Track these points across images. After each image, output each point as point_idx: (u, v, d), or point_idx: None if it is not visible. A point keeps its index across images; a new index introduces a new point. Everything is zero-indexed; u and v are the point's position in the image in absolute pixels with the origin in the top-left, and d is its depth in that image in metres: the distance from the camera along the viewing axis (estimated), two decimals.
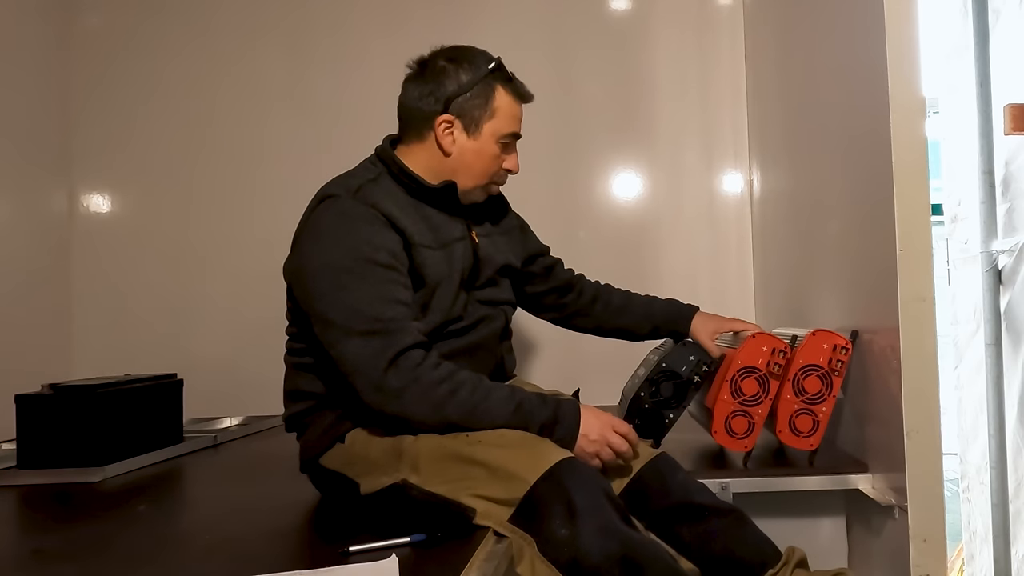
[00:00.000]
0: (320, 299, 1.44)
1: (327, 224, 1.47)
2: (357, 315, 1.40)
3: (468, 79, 1.55)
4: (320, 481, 1.60)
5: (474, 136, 1.57)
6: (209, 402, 2.68)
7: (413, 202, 1.56)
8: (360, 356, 1.39)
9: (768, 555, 1.44)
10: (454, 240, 1.58)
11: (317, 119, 2.94)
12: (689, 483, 1.52)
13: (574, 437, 1.44)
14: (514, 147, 1.63)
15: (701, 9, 2.97)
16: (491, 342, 1.64)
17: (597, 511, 1.27)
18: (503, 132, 1.58)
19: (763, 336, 1.81)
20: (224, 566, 1.25)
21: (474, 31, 2.93)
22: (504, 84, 1.58)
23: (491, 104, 1.57)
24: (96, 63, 3.00)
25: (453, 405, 1.39)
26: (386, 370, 1.37)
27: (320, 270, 1.44)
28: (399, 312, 1.42)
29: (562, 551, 1.23)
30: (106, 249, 3.00)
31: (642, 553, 1.25)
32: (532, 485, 1.29)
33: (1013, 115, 2.09)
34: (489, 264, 1.65)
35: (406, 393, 1.38)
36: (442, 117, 1.55)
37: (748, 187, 2.95)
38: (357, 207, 1.48)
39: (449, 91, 1.55)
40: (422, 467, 1.40)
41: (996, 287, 2.30)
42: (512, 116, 1.59)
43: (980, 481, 2.38)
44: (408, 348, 1.39)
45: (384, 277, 1.43)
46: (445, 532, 1.28)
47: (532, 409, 1.42)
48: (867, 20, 1.64)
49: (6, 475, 1.93)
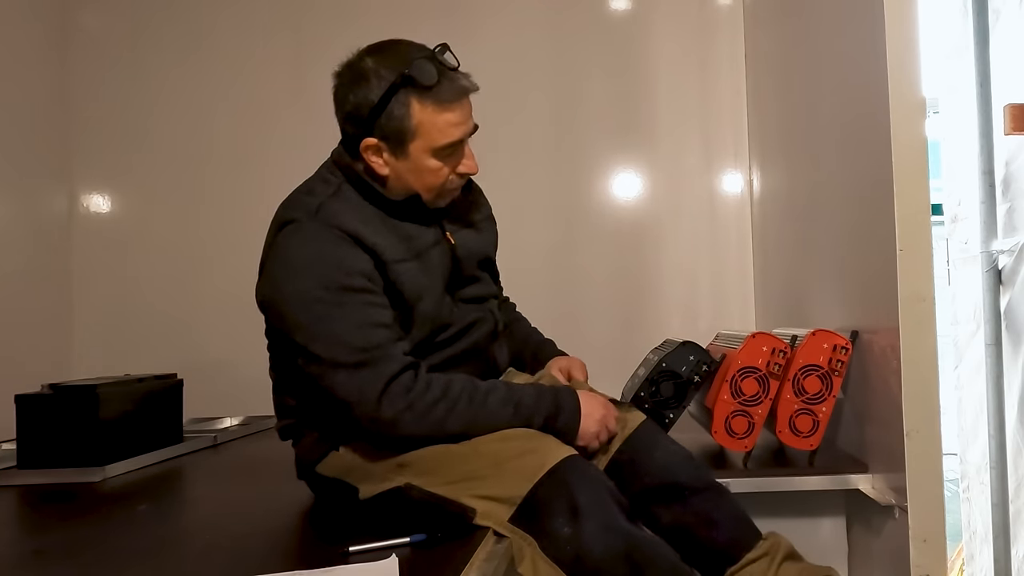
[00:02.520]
0: (299, 331, 1.37)
1: (292, 252, 1.39)
2: (340, 347, 1.34)
3: (378, 96, 1.37)
4: (318, 487, 1.58)
5: (403, 158, 1.41)
6: (209, 402, 2.68)
7: (379, 213, 1.45)
8: (349, 389, 1.35)
9: (745, 539, 1.44)
10: (428, 247, 1.48)
11: (318, 119, 2.88)
12: (669, 458, 1.50)
13: (577, 423, 1.43)
14: (462, 151, 1.45)
15: (701, 9, 2.97)
16: (483, 345, 1.59)
17: (600, 509, 1.26)
18: (435, 147, 1.40)
19: (763, 336, 1.81)
20: (224, 566, 1.25)
21: (475, 32, 2.95)
22: (420, 96, 1.37)
23: (409, 122, 1.38)
24: (96, 63, 3.00)
25: (453, 420, 1.37)
26: (379, 401, 1.34)
27: (293, 301, 1.37)
28: (382, 337, 1.37)
29: (565, 549, 1.23)
30: (106, 249, 3.00)
31: (646, 551, 1.25)
32: (535, 483, 1.28)
33: (1013, 115, 2.09)
34: (468, 262, 1.57)
35: (401, 421, 1.35)
36: (366, 141, 1.40)
37: (748, 187, 2.95)
38: (321, 231, 1.38)
39: (364, 112, 1.38)
40: (423, 468, 1.39)
41: (996, 287, 2.30)
42: (442, 127, 1.39)
43: (980, 481, 2.38)
44: (397, 375, 1.35)
45: (361, 301, 1.37)
46: (445, 532, 1.28)
47: (531, 404, 1.41)
48: (867, 20, 1.64)
49: (6, 475, 1.93)
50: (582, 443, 1.44)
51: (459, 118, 1.41)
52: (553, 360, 1.72)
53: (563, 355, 1.76)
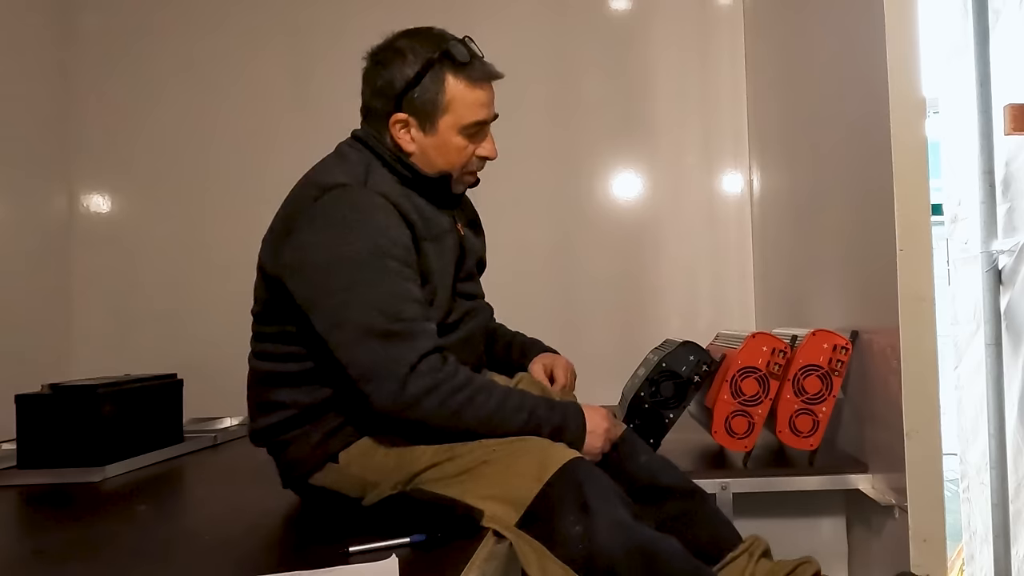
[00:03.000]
0: (330, 295, 1.35)
1: (339, 215, 1.37)
2: (376, 314, 1.32)
3: (414, 71, 1.43)
4: (309, 496, 1.53)
5: (431, 133, 1.46)
6: (209, 402, 2.68)
7: (406, 191, 1.46)
8: (377, 360, 1.31)
9: (727, 539, 1.45)
10: (444, 232, 1.50)
11: (318, 119, 2.91)
12: (653, 463, 1.51)
13: (582, 438, 1.43)
14: (485, 133, 1.51)
15: (701, 9, 2.98)
16: (478, 335, 1.59)
17: (611, 507, 1.26)
18: (463, 124, 1.46)
19: (763, 336, 1.81)
20: (224, 566, 1.25)
21: (475, 32, 2.91)
22: (455, 72, 1.44)
23: (443, 97, 1.44)
24: (96, 63, 3.00)
25: (470, 412, 1.35)
26: (407, 376, 1.30)
27: (332, 264, 1.35)
28: (417, 312, 1.35)
29: (577, 548, 1.22)
30: (106, 249, 3.00)
31: (659, 546, 1.25)
32: (544, 484, 1.27)
33: (1013, 115, 2.09)
34: (471, 257, 1.59)
35: (425, 400, 1.32)
36: (395, 116, 1.45)
37: (748, 187, 2.95)
38: (372, 197, 1.39)
39: (398, 87, 1.44)
40: (430, 468, 1.38)
41: (996, 287, 2.30)
42: (472, 104, 1.46)
43: (980, 481, 2.37)
44: (429, 352, 1.33)
45: (401, 273, 1.36)
46: (445, 532, 1.28)
47: (542, 415, 1.40)
48: (867, 20, 1.64)
49: (6, 475, 1.93)
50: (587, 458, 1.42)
51: (487, 99, 1.49)
52: (538, 356, 1.71)
53: (551, 351, 1.75)
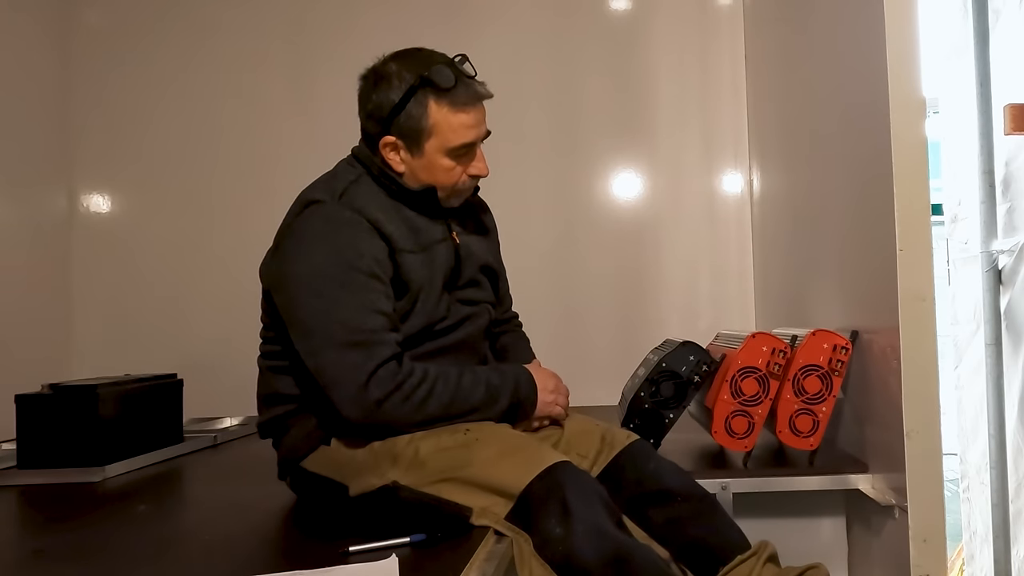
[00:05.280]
0: (301, 307, 1.43)
1: (312, 230, 1.45)
2: (338, 325, 1.40)
3: (399, 97, 1.46)
4: (302, 485, 1.58)
5: (418, 156, 1.50)
6: (209, 402, 2.68)
7: (394, 204, 1.52)
8: (339, 368, 1.39)
9: (736, 543, 1.45)
10: (435, 242, 1.55)
11: (318, 121, 2.93)
12: (662, 468, 1.53)
13: (535, 393, 1.52)
14: (474, 153, 1.53)
15: (701, 9, 2.98)
16: (476, 339, 1.62)
17: (591, 512, 1.28)
18: (449, 147, 1.48)
19: (763, 336, 1.81)
20: (224, 566, 1.25)
21: (476, 32, 2.95)
22: (437, 97, 1.46)
23: (426, 122, 1.46)
24: (96, 63, 3.00)
25: (433, 402, 1.42)
26: (366, 383, 1.37)
27: (302, 276, 1.43)
28: (379, 323, 1.42)
29: (556, 549, 1.24)
30: (106, 249, 3.00)
31: (635, 555, 1.26)
32: (528, 484, 1.30)
33: (1013, 115, 2.09)
34: (471, 264, 1.62)
35: (388, 402, 1.39)
36: (384, 139, 1.50)
37: (748, 187, 2.95)
38: (343, 212, 1.46)
39: (385, 111, 1.47)
40: (418, 467, 1.40)
41: (996, 287, 2.30)
42: (456, 128, 1.47)
43: (980, 481, 2.37)
44: (387, 360, 1.40)
45: (366, 286, 1.42)
46: (445, 532, 1.28)
47: (497, 383, 1.49)
48: (867, 20, 1.64)
49: (6, 475, 1.93)
50: (542, 413, 1.54)
51: (473, 121, 1.49)
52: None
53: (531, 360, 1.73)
